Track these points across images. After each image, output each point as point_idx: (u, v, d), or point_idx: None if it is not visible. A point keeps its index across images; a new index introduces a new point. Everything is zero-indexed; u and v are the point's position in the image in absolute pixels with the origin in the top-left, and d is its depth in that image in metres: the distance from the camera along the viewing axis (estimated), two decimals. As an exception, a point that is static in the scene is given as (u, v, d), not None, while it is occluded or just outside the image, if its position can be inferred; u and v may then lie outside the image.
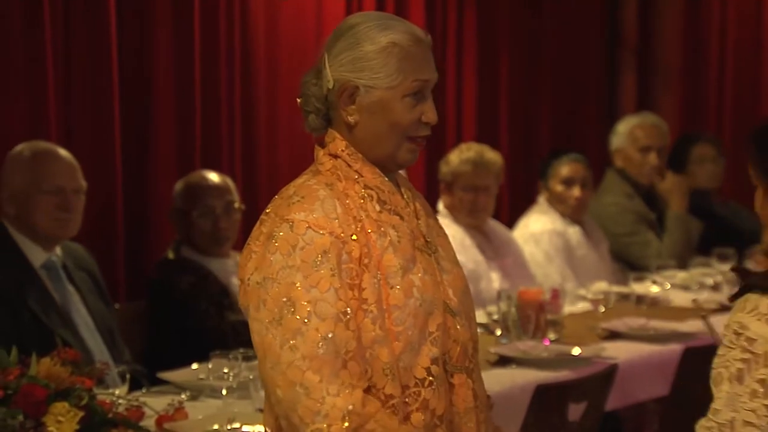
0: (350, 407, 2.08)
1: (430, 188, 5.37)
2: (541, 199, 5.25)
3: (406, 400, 2.16)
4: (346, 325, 2.11)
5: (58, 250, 3.62)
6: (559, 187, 5.16)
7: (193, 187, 4.14)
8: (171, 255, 4.12)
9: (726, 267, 5.03)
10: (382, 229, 2.19)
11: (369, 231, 2.18)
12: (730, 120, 7.61)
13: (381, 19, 2.24)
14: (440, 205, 4.76)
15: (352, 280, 2.14)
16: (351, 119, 2.21)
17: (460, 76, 6.06)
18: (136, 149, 4.60)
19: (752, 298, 2.08)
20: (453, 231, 4.40)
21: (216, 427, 2.82)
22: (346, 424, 2.07)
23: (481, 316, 3.78)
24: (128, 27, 4.57)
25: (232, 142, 4.95)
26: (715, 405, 2.07)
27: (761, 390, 2.00)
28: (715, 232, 5.48)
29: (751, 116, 7.79)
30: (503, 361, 3.67)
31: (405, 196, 2.28)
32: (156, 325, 4.03)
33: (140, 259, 4.60)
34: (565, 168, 5.17)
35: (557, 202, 5.18)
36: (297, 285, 2.11)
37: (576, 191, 5.15)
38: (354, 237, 2.15)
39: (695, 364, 3.75)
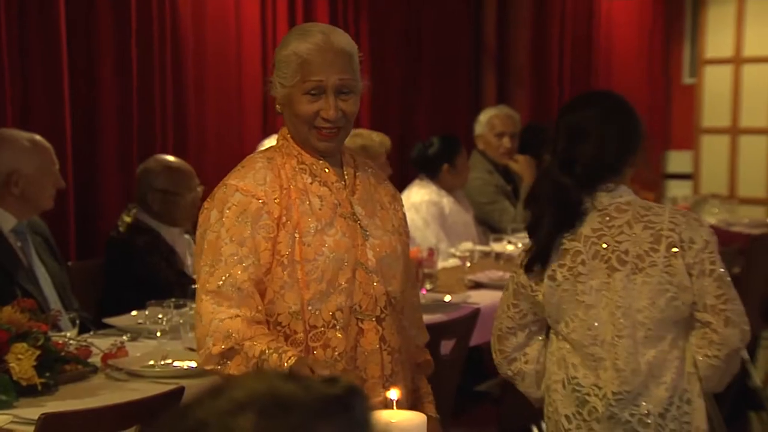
0: (232, 329, 2.08)
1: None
2: (421, 175, 5.27)
3: (311, 336, 2.17)
4: (245, 268, 2.13)
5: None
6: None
7: (177, 170, 3.99)
8: (128, 219, 3.99)
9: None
10: (306, 196, 2.20)
11: (293, 197, 2.19)
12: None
13: (305, 30, 2.25)
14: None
15: (268, 234, 2.16)
16: (278, 109, 2.27)
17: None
18: (84, 132, 4.50)
19: None
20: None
21: (152, 362, 2.78)
22: (223, 345, 2.09)
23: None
24: (76, 34, 4.45)
25: (164, 126, 4.87)
26: None
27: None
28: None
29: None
30: (389, 306, 3.68)
31: (346, 174, 2.28)
32: (115, 278, 3.93)
33: (88, 225, 4.51)
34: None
35: (433, 178, 5.21)
36: (222, 236, 2.15)
37: (448, 169, 5.18)
38: (277, 201, 2.17)
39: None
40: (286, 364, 2.00)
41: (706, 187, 8.16)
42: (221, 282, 2.12)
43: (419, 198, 5.15)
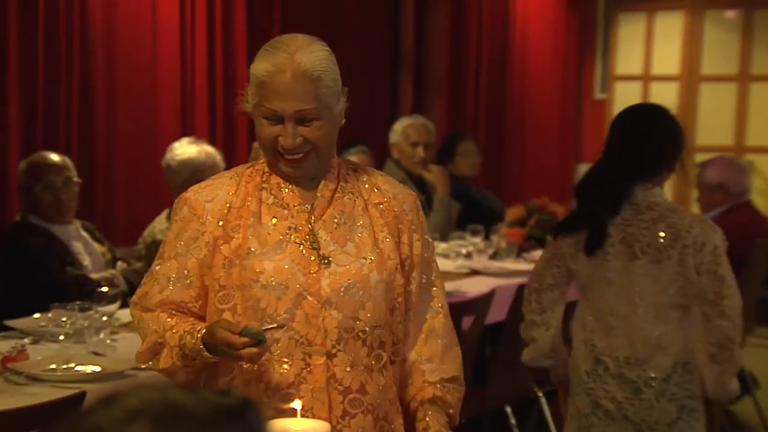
0: (153, 324, 2.05)
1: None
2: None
3: (246, 368, 2.00)
4: (165, 287, 2.05)
5: None
6: (348, 173, 5.18)
7: (36, 165, 3.95)
8: (19, 220, 3.94)
9: (477, 240, 5.17)
10: (258, 218, 2.04)
11: (245, 217, 2.03)
12: (484, 121, 7.82)
13: (273, 46, 2.02)
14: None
15: (199, 256, 2.03)
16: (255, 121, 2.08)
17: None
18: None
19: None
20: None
21: (53, 366, 2.71)
22: (149, 342, 2.05)
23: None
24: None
25: (69, 125, 4.79)
26: None
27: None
28: (470, 212, 5.62)
29: (500, 118, 8.04)
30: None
31: (320, 196, 2.06)
32: (8, 280, 3.85)
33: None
34: (353, 158, 5.18)
35: (346, 185, 5.20)
36: (161, 250, 2.09)
37: (362, 176, 5.18)
38: (220, 221, 2.03)
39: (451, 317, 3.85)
40: (198, 338, 1.93)
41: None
42: (143, 294, 2.08)
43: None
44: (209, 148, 4.31)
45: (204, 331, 1.94)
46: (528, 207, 5.76)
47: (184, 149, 4.25)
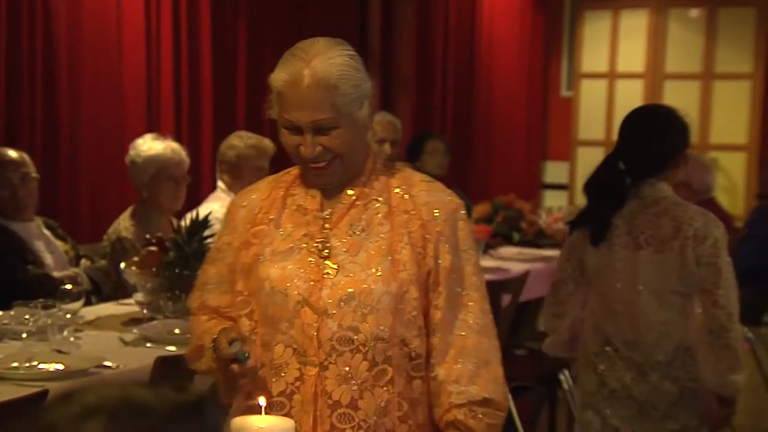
0: (195, 329, 2.10)
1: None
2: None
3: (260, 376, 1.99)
4: (205, 291, 2.10)
5: None
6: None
7: None
8: None
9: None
10: (278, 223, 2.01)
11: (265, 223, 2.02)
12: (451, 118, 7.85)
13: (292, 53, 1.99)
14: (220, 183, 4.60)
15: (228, 260, 2.06)
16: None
17: (234, 77, 5.99)
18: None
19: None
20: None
21: (15, 364, 2.68)
22: (192, 345, 2.10)
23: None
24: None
25: (33, 121, 4.75)
26: None
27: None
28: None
29: (467, 116, 8.06)
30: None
31: (342, 202, 2.01)
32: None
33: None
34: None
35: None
36: (209, 254, 2.14)
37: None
38: (248, 226, 2.03)
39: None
40: (212, 344, 1.96)
41: (581, 197, 8.36)
42: (189, 298, 2.14)
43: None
44: (174, 145, 4.27)
45: (218, 335, 1.95)
46: (495, 204, 5.78)
47: (149, 145, 4.20)
